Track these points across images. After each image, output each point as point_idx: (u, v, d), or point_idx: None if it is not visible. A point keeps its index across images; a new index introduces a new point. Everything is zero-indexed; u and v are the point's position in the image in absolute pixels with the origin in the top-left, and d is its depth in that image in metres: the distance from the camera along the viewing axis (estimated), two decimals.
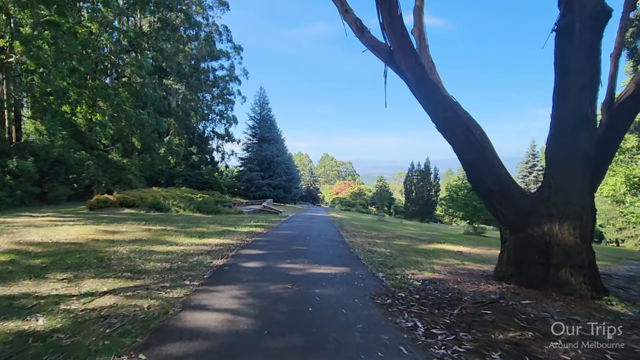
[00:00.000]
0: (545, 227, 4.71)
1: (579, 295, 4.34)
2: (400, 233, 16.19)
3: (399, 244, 11.14)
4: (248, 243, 8.83)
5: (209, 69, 43.73)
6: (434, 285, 5.02)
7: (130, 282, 4.62)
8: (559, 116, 4.64)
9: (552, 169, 4.75)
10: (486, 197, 5.06)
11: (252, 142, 45.51)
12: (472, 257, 8.92)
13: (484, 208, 19.22)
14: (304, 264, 6.35)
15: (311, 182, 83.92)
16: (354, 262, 6.88)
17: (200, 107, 42.49)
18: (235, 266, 5.89)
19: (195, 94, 41.71)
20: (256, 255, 7.06)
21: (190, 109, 40.49)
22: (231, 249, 7.67)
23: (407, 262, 7.19)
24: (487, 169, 4.94)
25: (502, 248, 5.32)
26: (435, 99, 4.90)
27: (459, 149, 4.93)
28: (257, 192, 40.44)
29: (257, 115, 46.04)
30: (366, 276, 5.52)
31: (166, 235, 9.35)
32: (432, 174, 47.25)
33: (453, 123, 4.90)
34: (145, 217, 14.75)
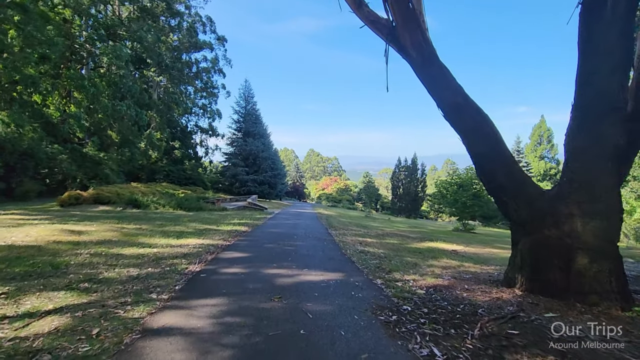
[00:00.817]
0: (565, 228, 4.17)
1: (607, 306, 3.82)
2: (390, 230, 15.69)
3: (391, 242, 10.59)
4: (230, 244, 8.08)
5: (191, 61, 42.21)
6: (441, 295, 4.43)
7: (85, 296, 3.85)
8: (584, 103, 4.08)
9: (574, 162, 4.20)
10: (497, 193, 4.49)
11: (236, 136, 44.33)
12: (470, 257, 8.45)
13: (473, 204, 19.01)
14: (292, 268, 5.67)
15: (297, 178, 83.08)
16: (347, 265, 6.24)
17: (182, 100, 41.01)
18: (214, 273, 5.15)
19: (177, 86, 40.26)
20: (238, 259, 6.34)
21: (172, 102, 38.97)
22: (211, 251, 6.93)
23: (405, 264, 6.61)
24: (499, 162, 4.37)
25: (514, 250, 4.77)
26: (444, 82, 4.29)
27: (469, 139, 4.34)
28: (242, 188, 39.44)
29: (242, 109, 44.86)
30: (363, 284, 4.89)
31: (140, 235, 8.51)
32: (419, 170, 47.15)
33: (463, 110, 4.30)
34: (120, 214, 13.76)
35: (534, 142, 51.95)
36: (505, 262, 8.16)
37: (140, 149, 30.99)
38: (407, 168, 47.09)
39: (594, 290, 3.94)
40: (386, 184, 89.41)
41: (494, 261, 8.04)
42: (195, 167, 41.56)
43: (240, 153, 42.38)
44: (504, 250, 11.08)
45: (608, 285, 3.92)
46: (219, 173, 44.56)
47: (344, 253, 7.62)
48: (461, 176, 19.57)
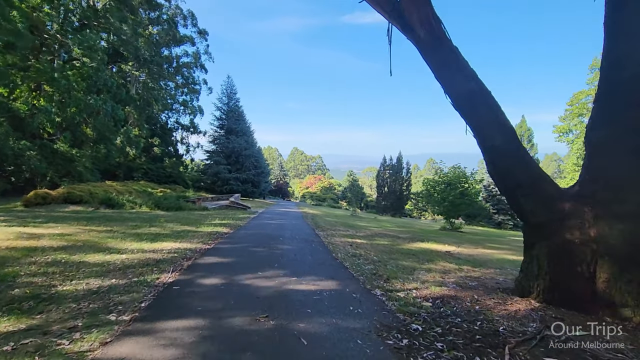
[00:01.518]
0: (590, 232, 3.70)
1: None
2: (378, 230, 15.23)
3: (382, 243, 10.09)
4: (210, 248, 7.36)
5: (172, 56, 40.70)
6: (450, 308, 3.89)
7: (25, 319, 3.11)
8: (612, 89, 3.62)
9: (599, 158, 3.74)
10: (513, 192, 3.99)
11: (219, 133, 43.04)
12: (466, 260, 8.01)
13: (461, 203, 18.79)
14: (280, 277, 5.03)
15: (281, 177, 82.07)
16: (340, 272, 5.65)
17: (162, 96, 39.55)
18: (189, 284, 4.46)
19: (157, 82, 38.77)
20: (218, 266, 5.64)
21: (151, 98, 37.46)
22: (188, 257, 6.20)
23: (402, 269, 6.08)
24: (516, 157, 3.87)
25: (528, 256, 4.29)
26: (456, 66, 3.75)
27: (483, 130, 3.81)
28: (224, 187, 38.32)
29: (225, 105, 43.61)
30: (361, 295, 4.31)
31: (110, 238, 7.68)
32: (404, 169, 47.11)
33: (477, 97, 3.77)
34: (92, 215, 12.75)
35: None
36: (502, 265, 7.81)
37: (116, 146, 29.53)
38: (392, 167, 46.97)
39: (625, 302, 3.48)
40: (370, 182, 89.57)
41: (491, 264, 7.64)
42: (175, 165, 40.20)
43: (223, 151, 41.18)
44: (496, 250, 10.77)
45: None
46: (201, 171, 43.19)
47: (334, 257, 7.03)
48: (448, 174, 19.32)
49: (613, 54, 3.59)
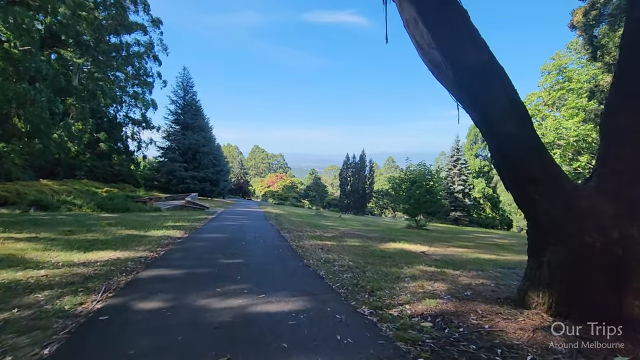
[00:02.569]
0: (614, 234, 3.18)
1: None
2: (346, 230, 14.59)
3: (354, 245, 9.39)
4: (158, 257, 6.21)
5: (121, 44, 37.46)
6: (457, 329, 3.20)
7: None
8: (634, 68, 3.10)
9: (621, 148, 3.22)
10: (525, 189, 3.38)
11: (174, 129, 40.36)
12: (444, 261, 7.52)
13: (427, 200, 18.70)
14: (243, 294, 4.09)
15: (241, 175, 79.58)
16: (315, 284, 4.81)
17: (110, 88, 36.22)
18: (123, 312, 3.39)
19: (104, 71, 35.50)
20: (166, 281, 4.57)
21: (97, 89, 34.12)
22: (128, 270, 5.05)
23: (384, 277, 5.36)
24: (532, 147, 3.26)
25: (536, 262, 3.71)
26: (466, 32, 3.06)
27: (493, 113, 3.15)
28: (180, 186, 35.97)
29: (180, 99, 40.96)
30: (347, 316, 3.49)
31: (31, 249, 6.26)
32: (367, 167, 47.26)
33: (490, 73, 3.11)
34: (16, 219, 10.84)
35: (470, 141, 55.07)
36: (482, 266, 7.36)
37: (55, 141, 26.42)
38: (355, 165, 46.94)
39: None
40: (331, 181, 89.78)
41: (470, 265, 7.19)
42: (125, 163, 37.06)
43: (179, 147, 38.69)
44: (467, 249, 10.45)
45: None
46: (154, 169, 40.20)
47: (307, 264, 6.18)
48: (414, 172, 19.16)
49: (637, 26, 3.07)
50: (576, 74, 28.42)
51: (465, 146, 54.31)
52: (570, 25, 11.77)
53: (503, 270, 6.84)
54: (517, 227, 54.92)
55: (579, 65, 29.00)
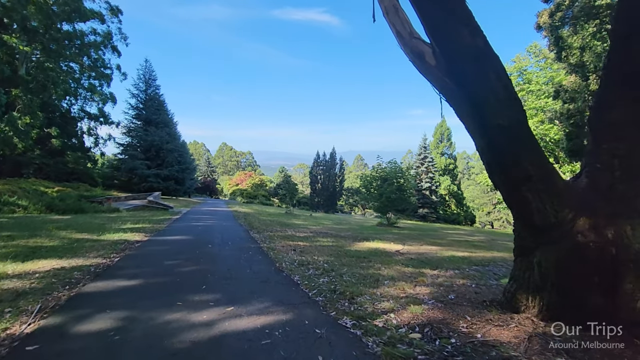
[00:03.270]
0: (608, 233, 3.02)
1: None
2: (317, 228, 14.26)
3: (327, 245, 9.06)
4: (111, 264, 5.53)
5: (76, 33, 34.75)
6: (448, 340, 2.91)
7: None
8: (632, 59, 2.94)
9: (616, 142, 3.06)
10: (517, 186, 3.15)
11: (135, 125, 38.12)
12: (419, 260, 7.37)
13: (397, 198, 18.78)
14: (210, 307, 3.60)
15: (208, 173, 77.16)
16: (290, 291, 4.39)
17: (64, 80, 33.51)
18: (57, 339, 2.80)
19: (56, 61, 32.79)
20: (117, 295, 3.97)
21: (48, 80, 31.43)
22: (72, 283, 4.38)
23: (362, 281, 5.04)
24: (527, 142, 3.03)
25: (525, 263, 3.52)
26: (461, 13, 2.76)
27: (488, 105, 2.88)
28: (143, 185, 34.06)
29: (142, 93, 38.76)
30: (327, 329, 3.11)
31: None
32: (337, 165, 47.21)
33: (485, 59, 2.83)
34: None
35: (436, 139, 56.54)
36: (457, 264, 7.20)
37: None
38: (326, 163, 46.75)
39: None
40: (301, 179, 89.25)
41: (446, 263, 7.06)
42: (80, 160, 34.52)
43: (140, 144, 36.61)
44: (439, 247, 10.41)
45: None
46: (114, 167, 37.81)
47: (279, 268, 5.74)
48: (385, 169, 19.18)
49: (633, 16, 2.92)
50: (535, 76, 29.84)
51: (432, 144, 55.71)
52: (536, 27, 12.11)
53: (478, 268, 6.76)
54: (480, 222, 57.35)
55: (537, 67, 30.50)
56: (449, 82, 3.29)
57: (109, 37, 37.13)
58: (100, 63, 37.35)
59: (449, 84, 3.33)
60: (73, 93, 36.00)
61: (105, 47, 37.29)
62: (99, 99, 37.21)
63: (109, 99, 37.47)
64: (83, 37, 35.82)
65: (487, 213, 57.65)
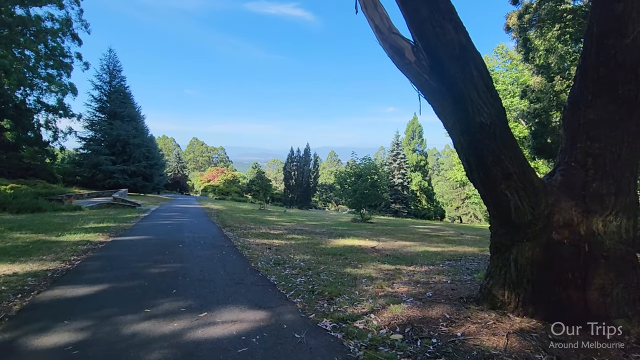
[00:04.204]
0: (581, 230, 3.09)
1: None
2: (292, 225, 14.13)
3: (304, 242, 8.95)
4: (70, 268, 5.13)
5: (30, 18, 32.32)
6: (429, 340, 2.87)
7: None
8: (607, 61, 3.01)
9: (592, 141, 3.12)
10: (496, 184, 3.15)
11: (99, 118, 36.15)
12: (394, 256, 7.43)
13: (371, 194, 18.96)
14: (181, 313, 3.38)
15: (179, 169, 74.73)
16: (266, 292, 4.24)
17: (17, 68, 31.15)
18: (8, 356, 2.52)
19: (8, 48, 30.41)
20: (77, 302, 3.66)
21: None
22: (25, 291, 4.01)
23: (340, 279, 4.97)
24: (507, 140, 3.03)
25: (501, 260, 3.56)
26: (444, 7, 2.68)
27: (470, 102, 2.84)
28: (108, 181, 32.43)
29: (106, 84, 36.77)
30: (307, 333, 2.99)
31: None
32: (311, 161, 47.09)
33: (468, 56, 2.78)
34: None
35: (408, 136, 57.65)
36: (431, 260, 7.25)
37: None
38: (300, 159, 46.50)
39: (623, 313, 2.94)
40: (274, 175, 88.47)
41: (420, 259, 7.16)
42: (37, 155, 32.38)
43: (105, 138, 34.78)
44: (412, 242, 10.56)
45: (638, 305, 2.97)
46: (75, 163, 35.72)
47: (254, 268, 5.56)
48: (360, 166, 19.29)
49: (609, 17, 2.98)
50: (502, 76, 31.01)
51: (404, 141, 56.76)
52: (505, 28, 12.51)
53: (451, 263, 6.89)
54: (450, 217, 59.25)
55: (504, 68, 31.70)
56: (429, 78, 3.23)
57: (69, 24, 34.82)
58: (59, 51, 35.01)
59: (429, 80, 3.28)
60: (28, 83, 33.59)
61: (65, 35, 34.96)
62: (57, 89, 34.96)
63: (69, 89, 35.25)
64: (39, 23, 33.42)
65: (456, 208, 59.59)
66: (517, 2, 11.67)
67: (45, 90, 35.32)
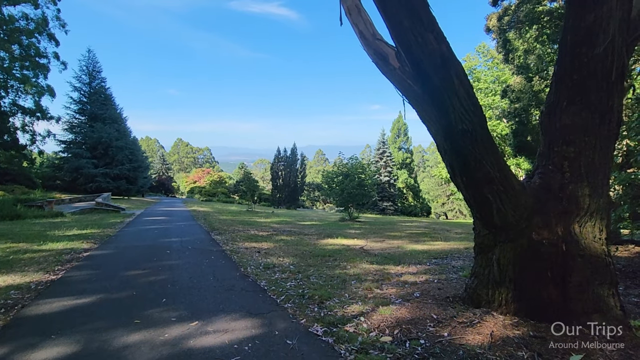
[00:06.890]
0: (559, 230, 3.24)
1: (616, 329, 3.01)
2: (281, 227, 14.13)
3: (293, 244, 8.99)
4: (55, 279, 5.05)
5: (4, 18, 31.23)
6: (417, 342, 2.96)
7: None
8: (580, 68, 3.14)
9: (567, 145, 3.26)
10: (480, 188, 3.27)
11: (79, 120, 35.24)
12: (382, 255, 7.54)
13: (358, 193, 19.10)
14: (172, 323, 3.39)
15: (163, 171, 73.54)
16: (257, 298, 4.27)
17: None
18: None
19: None
20: (64, 315, 3.61)
21: None
22: (9, 305, 3.95)
23: (330, 282, 5.04)
24: (489, 146, 3.14)
25: (484, 260, 3.69)
26: (427, 18, 2.76)
27: (454, 110, 2.93)
28: (90, 185, 31.68)
29: (85, 85, 35.84)
30: (299, 339, 3.05)
31: None
32: (298, 160, 47.05)
33: (449, 65, 2.87)
34: None
35: (393, 134, 58.25)
36: (418, 259, 7.41)
37: None
38: (287, 158, 46.41)
39: (598, 308, 3.10)
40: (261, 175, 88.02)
41: (408, 258, 7.28)
42: (14, 159, 31.40)
43: (85, 141, 33.92)
44: (399, 240, 10.73)
45: (611, 300, 3.13)
46: (55, 167, 34.77)
47: (244, 273, 5.57)
48: (347, 165, 19.43)
49: (581, 27, 3.12)
50: (483, 74, 31.66)
51: (389, 139, 57.29)
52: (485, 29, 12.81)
53: (437, 261, 7.04)
54: (436, 213, 60.20)
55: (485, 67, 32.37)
56: (412, 84, 3.33)
57: (45, 24, 33.84)
58: (35, 52, 33.95)
59: (412, 86, 3.38)
60: (2, 85, 32.49)
61: (41, 34, 33.96)
62: (34, 91, 33.93)
63: (46, 91, 34.30)
64: (13, 22, 32.30)
65: (442, 204, 60.57)
66: (497, 4, 12.00)
67: (22, 92, 34.22)
